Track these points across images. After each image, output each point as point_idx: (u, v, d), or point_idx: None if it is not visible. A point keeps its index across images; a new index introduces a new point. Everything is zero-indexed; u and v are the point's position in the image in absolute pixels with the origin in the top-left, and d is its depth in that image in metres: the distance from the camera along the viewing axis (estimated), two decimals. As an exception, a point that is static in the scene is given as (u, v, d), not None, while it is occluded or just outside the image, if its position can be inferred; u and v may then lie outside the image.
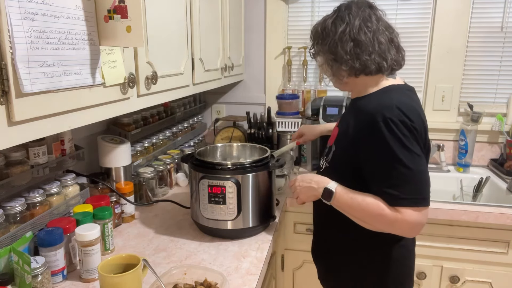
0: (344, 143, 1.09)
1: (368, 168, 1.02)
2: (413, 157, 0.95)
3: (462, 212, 1.55)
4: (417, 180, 0.96)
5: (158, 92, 1.19)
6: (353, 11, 1.06)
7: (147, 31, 1.08)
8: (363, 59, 1.04)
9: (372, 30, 1.04)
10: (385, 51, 1.06)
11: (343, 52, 1.04)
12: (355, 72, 1.07)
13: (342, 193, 1.04)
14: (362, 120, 1.03)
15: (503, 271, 1.60)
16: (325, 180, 1.08)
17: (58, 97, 0.76)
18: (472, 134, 2.02)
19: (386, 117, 0.96)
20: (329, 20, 1.08)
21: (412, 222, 0.96)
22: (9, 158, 1.03)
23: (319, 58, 1.14)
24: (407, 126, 0.96)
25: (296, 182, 1.17)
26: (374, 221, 1.01)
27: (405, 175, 0.95)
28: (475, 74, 2.05)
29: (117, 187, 1.39)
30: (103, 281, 0.90)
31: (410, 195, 0.95)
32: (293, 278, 1.80)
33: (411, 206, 0.95)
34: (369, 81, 1.10)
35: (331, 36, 1.06)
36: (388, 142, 0.95)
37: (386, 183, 0.97)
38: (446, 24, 2.00)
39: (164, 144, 1.84)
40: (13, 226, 1.01)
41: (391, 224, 0.98)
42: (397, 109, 0.97)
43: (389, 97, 1.03)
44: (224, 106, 2.37)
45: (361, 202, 1.00)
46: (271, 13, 2.19)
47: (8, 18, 0.63)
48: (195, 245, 1.25)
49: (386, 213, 0.97)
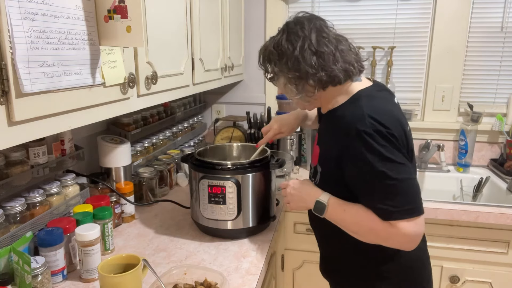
0: (328, 163, 1.03)
1: (354, 185, 0.97)
2: (396, 167, 0.90)
3: (462, 212, 1.55)
4: (405, 190, 0.91)
5: (158, 92, 1.19)
6: (305, 25, 1.01)
7: (147, 31, 1.08)
8: (329, 70, 0.98)
9: (329, 40, 1.00)
10: (348, 57, 1.01)
11: (307, 66, 0.98)
12: (323, 85, 1.00)
13: (334, 206, 1.00)
14: (339, 136, 0.98)
15: (503, 271, 1.60)
16: (317, 192, 1.04)
17: (58, 97, 0.76)
18: (472, 134, 2.02)
19: (360, 130, 0.91)
20: (281, 38, 1.02)
21: (408, 235, 0.91)
22: (9, 158, 1.03)
23: (280, 80, 1.07)
24: (383, 135, 0.90)
25: (288, 188, 1.13)
26: (368, 235, 0.97)
27: (391, 187, 0.90)
28: (475, 74, 2.05)
29: (117, 187, 1.39)
30: (103, 281, 0.90)
31: (400, 207, 0.90)
32: (293, 278, 1.80)
33: (404, 218, 0.90)
34: (338, 91, 1.04)
35: (289, 54, 1.00)
36: (367, 157, 0.90)
37: (375, 198, 0.93)
38: (446, 24, 2.00)
39: (164, 144, 1.84)
40: (13, 226, 1.01)
41: (386, 238, 0.94)
42: (370, 119, 0.91)
43: (358, 106, 0.96)
44: (224, 106, 2.37)
45: (354, 216, 0.96)
46: (271, 13, 2.19)
47: (8, 18, 0.63)
48: (195, 245, 1.25)
49: (380, 228, 0.93)
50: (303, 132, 2.09)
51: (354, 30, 2.08)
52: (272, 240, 1.31)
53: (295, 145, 2.05)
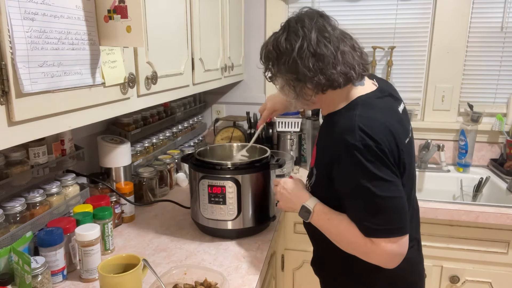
0: (322, 168, 1.01)
1: (341, 197, 0.95)
2: (381, 184, 0.87)
3: (462, 212, 1.55)
4: (389, 209, 0.88)
5: (158, 92, 1.19)
6: (306, 23, 0.95)
7: (147, 31, 1.08)
8: (328, 73, 0.93)
9: (331, 40, 0.94)
10: (350, 59, 0.96)
11: (305, 69, 0.93)
12: (322, 88, 0.96)
13: (319, 213, 0.99)
14: (331, 143, 0.95)
15: (503, 271, 1.60)
16: (304, 196, 1.03)
17: (58, 97, 0.76)
18: (472, 134, 2.02)
19: (349, 144, 0.88)
20: (281, 37, 0.97)
21: (388, 253, 0.89)
22: (9, 158, 1.03)
23: (278, 80, 1.03)
24: (372, 151, 0.87)
25: (278, 187, 1.12)
26: (348, 247, 0.96)
27: (374, 204, 0.88)
28: (475, 74, 2.05)
29: (117, 187, 1.39)
30: (103, 281, 0.90)
31: (382, 226, 0.88)
32: (293, 278, 1.80)
33: (386, 237, 0.88)
34: (339, 95, 0.99)
35: (287, 54, 0.95)
36: (353, 171, 0.88)
37: (358, 213, 0.92)
38: (446, 24, 2.00)
39: (164, 144, 1.84)
40: (13, 226, 1.01)
41: (365, 254, 0.93)
42: (360, 131, 0.88)
43: (352, 116, 0.92)
44: (224, 106, 2.37)
45: (338, 226, 0.95)
46: (271, 13, 2.19)
47: (8, 18, 0.63)
48: (195, 245, 1.25)
49: (360, 243, 0.91)
50: (303, 132, 2.10)
51: (354, 30, 2.04)
52: (272, 240, 1.31)
53: (295, 145, 2.05)
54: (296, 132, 2.03)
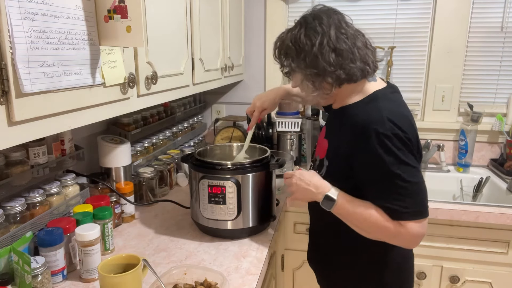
0: (338, 159, 1.05)
1: (366, 184, 0.99)
2: (410, 170, 0.94)
3: (462, 212, 1.55)
4: (416, 193, 0.95)
5: (158, 92, 1.19)
6: (324, 20, 0.99)
7: (147, 31, 1.08)
8: (348, 68, 0.99)
9: (348, 36, 0.99)
10: (365, 55, 1.01)
11: (326, 64, 0.98)
12: (340, 82, 1.01)
13: (343, 202, 1.01)
14: (353, 134, 0.99)
15: (503, 271, 1.60)
16: (326, 186, 1.03)
17: (58, 97, 0.76)
18: (472, 134, 2.02)
19: (379, 133, 0.93)
20: (300, 33, 1.00)
21: (414, 235, 0.95)
22: (9, 158, 1.03)
23: (296, 76, 1.07)
24: (401, 139, 0.93)
25: (294, 178, 1.10)
26: (375, 232, 0.99)
27: (404, 189, 0.94)
28: (475, 74, 2.05)
29: (117, 187, 1.39)
30: (103, 281, 0.90)
31: (411, 208, 0.94)
32: (293, 278, 1.80)
33: (413, 219, 0.95)
34: (353, 89, 1.05)
35: (307, 50, 0.99)
36: (384, 159, 0.93)
37: (386, 198, 0.95)
38: (446, 24, 2.00)
39: (164, 144, 1.84)
40: (13, 226, 1.01)
41: (393, 236, 0.97)
42: (389, 122, 0.93)
43: (377, 108, 0.98)
44: (224, 106, 2.37)
45: (363, 212, 0.98)
46: (271, 13, 2.19)
47: (8, 18, 0.63)
48: (195, 245, 1.25)
49: (388, 226, 0.95)
50: (303, 132, 2.10)
51: (354, 30, 2.07)
52: (272, 240, 1.31)
53: (295, 145, 2.05)
54: (296, 132, 2.03)
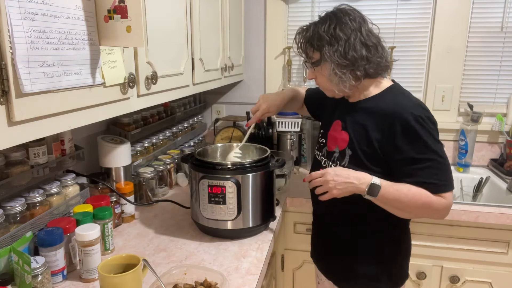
0: (365, 146, 1.10)
1: (403, 165, 1.06)
2: (441, 148, 1.05)
3: (462, 212, 1.55)
4: (448, 167, 1.06)
5: (158, 92, 1.19)
6: (352, 17, 1.08)
7: (147, 31, 1.08)
8: (375, 63, 1.08)
9: (374, 35, 1.10)
10: (385, 53, 1.12)
11: (357, 57, 1.06)
12: (366, 75, 1.10)
13: (387, 187, 1.06)
14: (384, 120, 1.07)
15: (503, 271, 1.60)
16: (366, 176, 1.07)
17: (58, 97, 0.76)
18: (472, 134, 2.02)
19: (417, 116, 1.03)
20: (334, 26, 1.07)
21: (450, 204, 1.06)
22: (9, 158, 1.03)
23: (325, 66, 1.11)
24: (433, 121, 1.06)
25: (328, 176, 1.10)
26: (420, 210, 1.06)
27: (440, 163, 1.04)
28: (475, 74, 2.05)
29: (117, 187, 1.38)
30: (103, 281, 0.90)
31: (447, 181, 1.05)
32: (293, 278, 1.80)
33: (450, 190, 1.05)
34: (371, 83, 1.15)
35: (342, 42, 1.06)
36: (423, 138, 1.03)
37: (426, 174, 1.04)
38: (446, 24, 2.00)
39: (164, 144, 1.84)
40: (13, 226, 1.01)
41: (436, 210, 1.05)
42: (421, 107, 1.06)
43: (405, 97, 1.11)
44: (224, 106, 2.37)
45: (408, 193, 1.04)
46: (271, 13, 2.19)
47: (8, 18, 0.63)
48: (195, 245, 1.25)
49: (433, 201, 1.04)
50: (303, 132, 2.10)
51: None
52: (272, 240, 1.31)
53: (295, 145, 2.05)
54: (296, 132, 2.04)
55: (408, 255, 1.25)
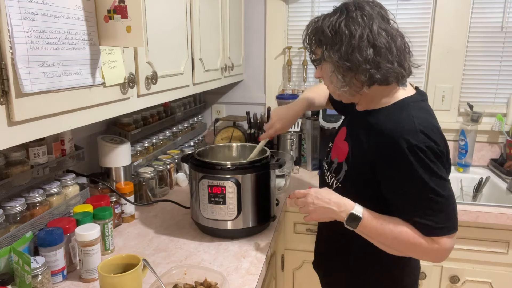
0: (360, 165, 0.99)
1: (394, 197, 0.94)
2: (443, 184, 0.90)
3: (462, 212, 1.54)
4: (449, 207, 0.90)
5: (158, 92, 1.19)
6: (367, 12, 0.91)
7: (147, 31, 1.08)
8: (384, 68, 0.91)
9: (389, 34, 0.92)
10: (402, 58, 0.94)
11: (361, 59, 0.90)
12: (372, 82, 0.93)
13: (370, 219, 0.94)
14: (381, 141, 0.93)
15: (503, 271, 1.60)
16: (348, 204, 0.96)
17: (58, 97, 0.76)
18: (472, 134, 2.02)
19: (412, 144, 0.87)
20: (339, 21, 0.92)
21: (447, 250, 0.91)
22: (9, 158, 1.03)
23: (326, 66, 0.99)
24: (434, 152, 0.88)
25: (309, 197, 1.01)
26: (405, 249, 0.94)
27: (438, 203, 0.89)
28: (475, 74, 2.05)
29: (117, 187, 1.38)
30: (103, 281, 0.90)
31: (445, 224, 0.89)
32: (293, 278, 1.80)
33: (447, 235, 0.90)
34: (382, 92, 0.98)
35: (345, 41, 0.91)
36: (418, 172, 0.87)
37: (419, 214, 0.90)
38: (446, 24, 2.00)
39: (164, 144, 1.84)
40: (13, 226, 1.01)
41: (426, 253, 0.92)
42: (422, 134, 0.88)
43: (409, 117, 0.91)
44: (224, 106, 2.37)
45: (393, 230, 0.92)
46: (271, 13, 2.19)
47: (8, 18, 0.63)
48: (195, 245, 1.25)
49: (421, 243, 0.90)
50: (303, 132, 2.10)
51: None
52: (272, 240, 1.31)
53: (295, 145, 2.05)
54: (296, 132, 2.03)
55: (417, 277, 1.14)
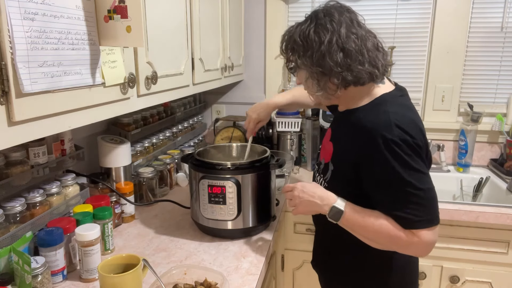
0: (343, 165, 1.01)
1: (374, 192, 0.96)
2: (420, 177, 0.91)
3: (462, 212, 1.55)
4: (428, 200, 0.92)
5: (158, 92, 1.19)
6: (335, 17, 0.95)
7: (147, 31, 1.08)
8: (355, 70, 0.94)
9: (358, 37, 0.95)
10: (375, 58, 0.97)
11: (332, 63, 0.94)
12: (346, 84, 0.97)
13: (351, 213, 0.97)
14: (359, 139, 0.96)
15: (503, 271, 1.60)
16: (331, 197, 0.99)
17: (58, 97, 0.76)
18: (472, 134, 2.02)
19: (387, 139, 0.89)
20: (309, 28, 0.96)
21: (427, 243, 0.92)
22: (9, 158, 1.03)
23: (301, 73, 1.03)
24: (410, 145, 0.90)
25: (295, 191, 1.05)
26: (386, 242, 0.96)
27: (416, 197, 0.90)
28: (475, 74, 2.05)
29: (117, 187, 1.38)
30: (103, 281, 0.90)
31: (424, 216, 0.91)
32: (293, 278, 1.80)
33: (426, 227, 0.91)
34: (360, 92, 1.01)
35: (315, 47, 0.95)
36: (393, 166, 0.89)
37: (398, 207, 0.92)
38: (446, 24, 2.00)
39: (164, 144, 1.84)
40: (13, 226, 1.01)
41: (406, 246, 0.94)
42: (397, 128, 0.90)
43: (385, 113, 0.94)
44: (224, 106, 2.37)
45: (374, 223, 0.94)
46: (271, 13, 2.19)
47: (8, 18, 0.63)
48: (195, 245, 1.25)
49: (400, 236, 0.92)
50: (303, 132, 2.10)
51: (354, 30, 2.07)
52: (272, 240, 1.31)
53: (295, 145, 2.05)
54: (296, 132, 2.03)
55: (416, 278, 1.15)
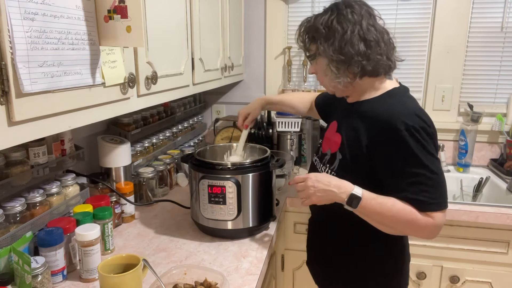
0: (355, 152, 1.04)
1: (391, 177, 0.99)
2: (435, 162, 0.96)
3: (462, 212, 1.55)
4: (441, 184, 0.97)
5: (158, 92, 1.19)
6: (356, 10, 1.02)
7: (147, 31, 1.08)
8: (375, 60, 1.01)
9: (377, 29, 1.02)
10: (389, 51, 1.04)
11: (354, 52, 0.99)
12: (364, 73, 1.03)
13: (369, 199, 0.99)
14: (377, 126, 1.00)
15: (503, 271, 1.60)
16: (348, 185, 1.01)
17: (58, 97, 0.76)
18: (472, 134, 2.02)
19: (409, 125, 0.95)
20: (332, 18, 1.02)
21: (439, 225, 0.97)
22: (9, 158, 1.03)
23: (321, 60, 1.07)
24: (428, 132, 0.96)
25: (309, 181, 1.05)
26: (404, 226, 0.99)
27: (432, 180, 0.95)
28: (475, 74, 2.05)
29: (117, 187, 1.38)
30: (103, 281, 0.90)
31: (438, 199, 0.96)
32: (293, 278, 1.80)
33: (440, 210, 0.96)
34: (371, 84, 1.07)
35: (338, 36, 1.00)
36: (414, 150, 0.94)
37: (414, 190, 0.96)
38: (446, 24, 2.00)
39: (164, 144, 1.84)
40: (13, 226, 1.01)
41: (421, 229, 0.97)
42: (416, 116, 0.96)
43: (402, 103, 1.01)
44: (224, 106, 2.37)
45: (391, 208, 0.97)
46: (271, 13, 2.19)
47: (8, 18, 0.63)
48: (195, 245, 1.25)
49: (418, 219, 0.96)
50: (303, 132, 2.10)
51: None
52: (272, 240, 1.31)
53: (295, 145, 2.05)
54: (296, 132, 2.03)
55: (407, 268, 1.18)
